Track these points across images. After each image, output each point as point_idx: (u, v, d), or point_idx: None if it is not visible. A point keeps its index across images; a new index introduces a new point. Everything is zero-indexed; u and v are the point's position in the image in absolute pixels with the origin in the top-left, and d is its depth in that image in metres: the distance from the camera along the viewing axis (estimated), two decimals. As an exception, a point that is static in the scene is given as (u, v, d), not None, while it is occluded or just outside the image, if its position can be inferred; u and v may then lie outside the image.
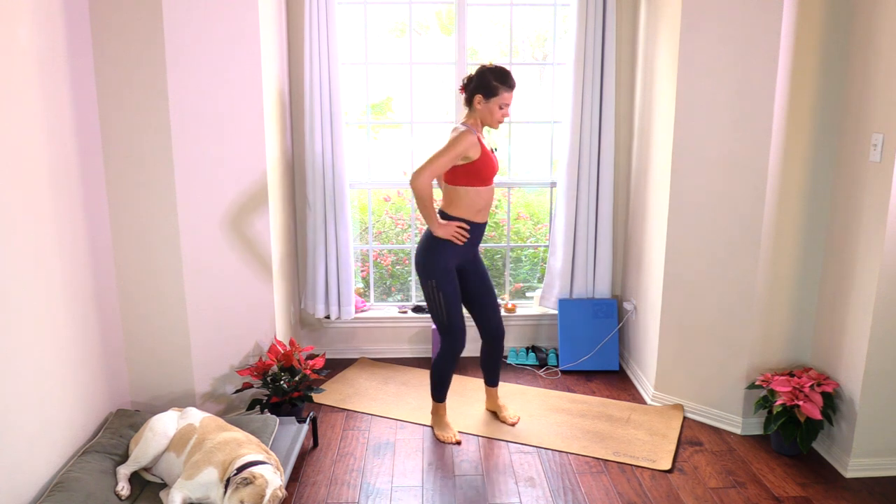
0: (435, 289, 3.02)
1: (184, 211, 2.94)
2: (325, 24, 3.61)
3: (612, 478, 2.87)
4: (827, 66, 2.91)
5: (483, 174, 2.96)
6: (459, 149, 2.85)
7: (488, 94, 2.91)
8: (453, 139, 2.87)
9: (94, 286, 2.78)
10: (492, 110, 2.93)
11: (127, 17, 2.72)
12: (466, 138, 2.86)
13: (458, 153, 2.86)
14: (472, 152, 2.88)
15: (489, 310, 3.22)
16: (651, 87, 3.55)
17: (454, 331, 3.07)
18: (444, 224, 2.97)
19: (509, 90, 2.92)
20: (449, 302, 3.02)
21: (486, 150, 2.95)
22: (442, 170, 2.87)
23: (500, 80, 2.90)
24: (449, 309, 3.03)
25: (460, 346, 3.11)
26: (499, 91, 2.90)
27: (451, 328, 3.06)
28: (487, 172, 2.96)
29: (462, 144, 2.85)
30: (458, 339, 3.08)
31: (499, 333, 3.26)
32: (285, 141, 3.70)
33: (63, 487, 2.30)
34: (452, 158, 2.86)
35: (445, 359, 3.13)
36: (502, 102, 2.91)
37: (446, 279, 3.01)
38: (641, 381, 3.73)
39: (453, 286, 3.03)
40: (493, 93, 2.90)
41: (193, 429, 2.54)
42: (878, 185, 2.69)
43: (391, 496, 2.75)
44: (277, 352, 3.27)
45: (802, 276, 3.12)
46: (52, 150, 2.46)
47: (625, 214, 4.05)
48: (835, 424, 2.96)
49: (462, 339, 3.10)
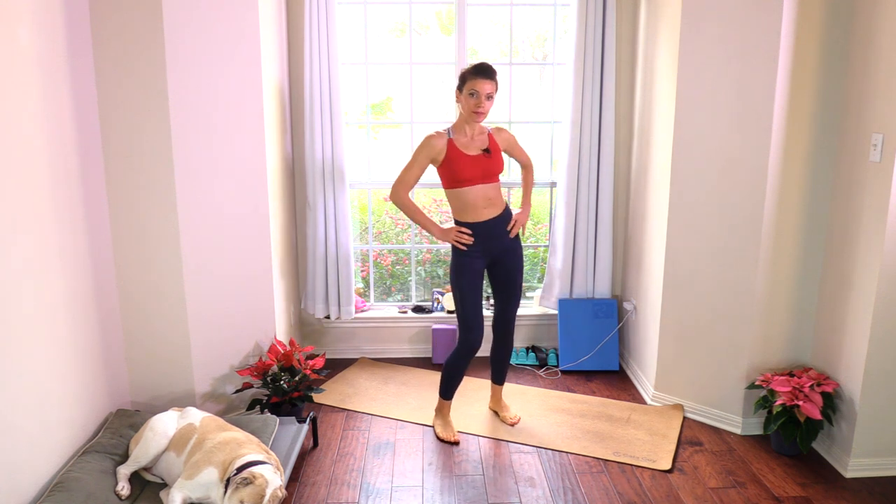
0: (454, 285, 3.07)
1: (184, 211, 2.94)
2: (325, 24, 3.61)
3: (612, 478, 2.87)
4: (827, 66, 2.91)
5: (456, 175, 2.96)
6: (420, 156, 2.97)
7: (461, 85, 2.96)
8: (417, 147, 2.99)
9: (94, 286, 2.78)
10: (465, 101, 2.94)
11: (127, 17, 2.72)
12: (426, 145, 2.97)
13: (421, 161, 2.98)
14: (436, 155, 2.96)
15: (503, 300, 3.21)
16: (651, 87, 3.55)
17: (468, 328, 3.07)
18: (445, 230, 3.04)
19: (479, 78, 2.89)
20: (465, 299, 3.04)
21: (457, 153, 2.94)
22: (414, 180, 3.00)
23: (469, 70, 2.93)
24: (465, 305, 3.05)
25: (476, 343, 3.10)
26: (467, 79, 2.92)
27: (466, 324, 3.07)
28: (462, 174, 2.95)
29: (422, 152, 2.97)
30: (473, 335, 3.08)
31: (508, 327, 3.25)
32: (285, 141, 3.70)
33: (63, 487, 2.30)
34: (419, 167, 2.99)
35: (459, 355, 3.13)
36: (471, 89, 2.90)
37: (466, 277, 3.04)
38: (641, 381, 3.72)
39: (473, 284, 3.04)
40: (464, 81, 2.94)
41: (193, 429, 2.54)
42: (878, 185, 2.69)
43: (391, 496, 2.75)
44: (277, 352, 3.27)
45: (802, 276, 3.12)
46: (52, 150, 2.46)
47: (625, 214, 4.05)
48: (835, 424, 2.96)
49: (478, 337, 3.09)
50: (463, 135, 3.00)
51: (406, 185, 2.99)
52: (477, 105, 2.91)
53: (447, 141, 2.96)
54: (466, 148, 2.98)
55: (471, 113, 2.94)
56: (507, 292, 3.19)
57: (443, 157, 2.95)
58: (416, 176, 3.00)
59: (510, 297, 3.20)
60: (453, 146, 2.96)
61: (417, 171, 2.99)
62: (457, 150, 2.96)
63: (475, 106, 2.92)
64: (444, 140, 2.95)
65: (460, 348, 3.12)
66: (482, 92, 2.90)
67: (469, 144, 3.00)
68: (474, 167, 2.97)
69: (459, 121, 3.01)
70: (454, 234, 3.01)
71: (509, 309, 3.23)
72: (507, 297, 3.20)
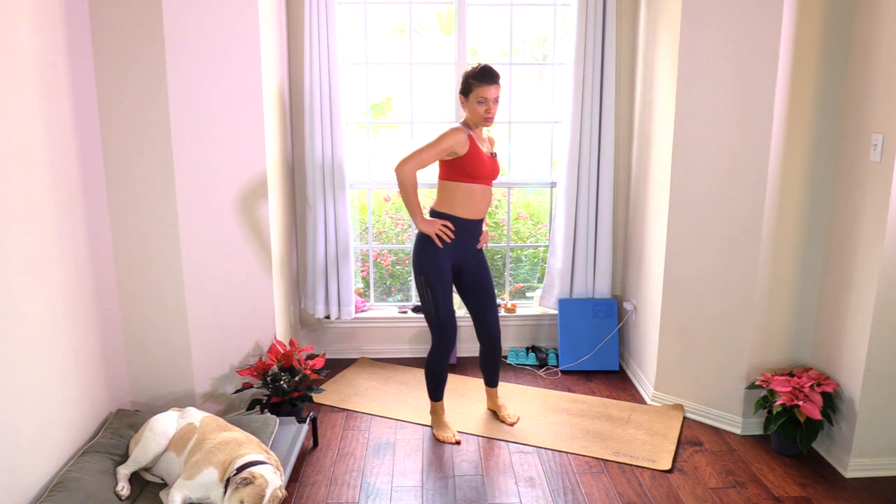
0: (424, 284, 3.04)
1: (184, 211, 2.94)
2: (325, 24, 3.61)
3: (612, 478, 2.87)
4: (827, 66, 2.91)
5: (470, 171, 2.96)
6: (445, 144, 2.90)
7: (466, 92, 2.94)
8: (441, 134, 2.93)
9: (94, 286, 2.78)
10: (473, 108, 2.94)
11: (127, 17, 2.73)
12: (454, 134, 2.91)
13: (444, 147, 2.90)
14: (459, 148, 2.92)
15: (484, 311, 3.21)
16: (651, 87, 3.55)
17: (442, 327, 3.07)
18: (429, 221, 3.00)
19: (484, 84, 2.89)
20: (437, 298, 3.03)
21: (476, 149, 2.96)
22: (428, 162, 2.92)
23: (474, 76, 2.91)
24: (437, 305, 3.04)
25: (449, 342, 3.11)
26: (473, 87, 2.91)
27: (439, 324, 3.07)
28: (476, 170, 2.96)
29: (448, 140, 2.90)
30: (446, 335, 3.08)
31: (494, 335, 3.25)
32: (285, 141, 3.70)
33: (63, 487, 2.31)
34: (439, 152, 2.91)
35: (439, 355, 3.13)
36: (479, 97, 2.90)
37: (437, 275, 3.02)
38: (641, 381, 3.73)
39: (443, 282, 3.04)
40: (469, 89, 2.93)
41: (193, 429, 2.54)
42: (878, 185, 2.69)
43: (391, 496, 2.75)
44: (277, 352, 3.27)
45: (802, 276, 3.12)
46: (52, 149, 2.46)
47: (625, 214, 4.05)
48: (835, 424, 2.96)
49: (451, 336, 3.10)
50: (477, 134, 3.03)
51: (419, 163, 2.90)
52: (487, 112, 2.93)
53: (468, 136, 2.95)
54: (481, 146, 3.02)
55: (481, 120, 2.95)
56: (486, 298, 3.19)
57: (465, 150, 2.92)
58: (431, 158, 2.91)
59: (487, 302, 3.20)
60: (473, 142, 2.96)
61: (435, 155, 2.91)
62: (476, 147, 2.97)
63: (485, 112, 2.93)
64: (466, 134, 2.94)
65: (439, 349, 3.12)
66: (490, 98, 2.91)
67: (482, 144, 3.04)
68: (485, 166, 3.00)
69: (469, 121, 3.01)
70: (438, 227, 2.99)
71: (491, 315, 3.23)
72: (487, 302, 3.20)
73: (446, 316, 3.07)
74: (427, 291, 3.04)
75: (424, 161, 2.91)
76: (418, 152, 2.90)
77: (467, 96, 2.94)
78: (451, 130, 2.93)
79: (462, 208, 3.03)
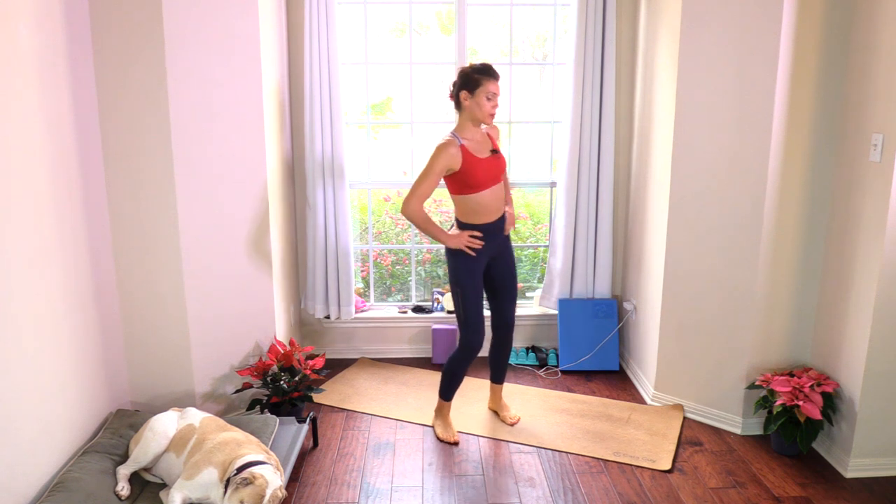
0: (458, 286, 3.04)
1: (184, 211, 2.94)
2: (325, 24, 3.61)
3: (612, 478, 2.87)
4: (827, 66, 2.91)
5: (471, 182, 2.93)
6: (438, 167, 2.87)
7: (472, 87, 2.90)
8: (430, 158, 2.89)
9: (94, 286, 2.78)
10: (480, 103, 2.90)
11: (127, 17, 2.73)
12: (444, 152, 2.86)
13: (438, 172, 2.88)
14: (453, 164, 2.88)
15: (504, 298, 3.20)
16: (651, 87, 3.55)
17: (471, 328, 3.06)
18: (455, 236, 2.98)
19: (492, 80, 2.89)
20: (468, 299, 3.02)
21: (471, 159, 2.90)
22: (429, 192, 2.90)
23: (481, 72, 2.90)
24: (467, 306, 3.03)
25: (478, 345, 3.09)
26: (482, 82, 2.89)
27: (468, 325, 3.06)
28: (475, 180, 2.92)
29: (440, 162, 2.87)
30: (477, 337, 3.07)
31: (508, 320, 3.24)
32: (285, 141, 3.70)
33: (63, 487, 2.31)
34: (436, 177, 2.89)
35: (462, 357, 3.12)
36: (488, 93, 2.89)
37: (471, 279, 3.02)
38: (641, 381, 3.73)
39: (474, 284, 3.03)
40: (477, 84, 2.89)
41: (193, 429, 2.54)
42: (878, 185, 2.69)
43: (391, 496, 2.75)
44: (277, 352, 3.27)
45: (802, 276, 3.12)
46: (52, 149, 2.46)
47: (625, 214, 4.05)
48: (835, 424, 2.96)
49: (481, 339, 3.08)
50: (471, 138, 2.96)
51: (422, 198, 2.89)
52: (494, 107, 2.92)
53: (460, 147, 2.89)
54: (478, 152, 2.95)
55: (487, 116, 2.92)
56: (507, 291, 3.19)
57: (459, 164, 2.89)
58: (432, 187, 2.89)
59: (510, 295, 3.20)
60: (467, 151, 2.91)
61: (434, 182, 2.89)
62: (471, 156, 2.91)
63: (493, 108, 2.92)
64: (457, 146, 2.89)
65: (463, 350, 3.11)
66: (497, 93, 2.91)
67: (479, 148, 2.97)
68: (487, 171, 2.95)
69: (463, 124, 2.97)
70: (466, 238, 2.97)
71: (510, 308, 3.23)
72: (507, 295, 3.20)
73: (477, 319, 3.05)
74: (458, 294, 3.05)
75: (425, 192, 2.89)
76: (416, 187, 2.88)
77: (473, 92, 2.89)
78: (441, 149, 2.87)
79: (477, 216, 3.01)
